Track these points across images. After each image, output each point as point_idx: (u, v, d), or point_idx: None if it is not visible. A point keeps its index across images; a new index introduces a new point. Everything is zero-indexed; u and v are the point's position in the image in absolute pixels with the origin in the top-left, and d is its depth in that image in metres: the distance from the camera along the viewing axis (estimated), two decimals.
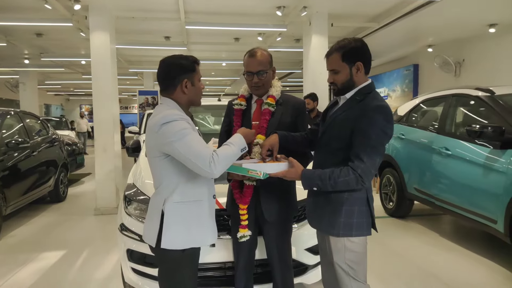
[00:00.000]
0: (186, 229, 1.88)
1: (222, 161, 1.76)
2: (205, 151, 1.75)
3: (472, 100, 4.41)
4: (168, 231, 1.86)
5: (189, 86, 1.93)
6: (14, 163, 5.23)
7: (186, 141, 1.76)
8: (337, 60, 1.93)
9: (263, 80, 2.22)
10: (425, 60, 10.28)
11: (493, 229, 3.71)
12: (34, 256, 4.19)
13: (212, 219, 2.00)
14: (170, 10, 6.41)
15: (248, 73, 2.23)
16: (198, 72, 1.98)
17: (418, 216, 5.57)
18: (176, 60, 1.94)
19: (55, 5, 5.73)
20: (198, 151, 1.74)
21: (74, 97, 26.37)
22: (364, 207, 1.92)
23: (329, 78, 1.99)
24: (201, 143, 1.79)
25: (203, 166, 1.73)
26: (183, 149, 1.75)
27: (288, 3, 6.17)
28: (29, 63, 10.91)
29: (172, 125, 1.78)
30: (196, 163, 1.74)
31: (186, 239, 1.89)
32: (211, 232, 1.98)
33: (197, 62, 1.98)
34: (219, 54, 10.94)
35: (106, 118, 6.07)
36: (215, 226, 2.02)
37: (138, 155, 4.03)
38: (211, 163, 1.73)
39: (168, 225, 1.86)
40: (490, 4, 6.18)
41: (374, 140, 1.80)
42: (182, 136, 1.76)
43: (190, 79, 1.93)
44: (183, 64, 1.93)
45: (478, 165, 3.87)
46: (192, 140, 1.77)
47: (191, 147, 1.75)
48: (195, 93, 1.98)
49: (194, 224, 1.90)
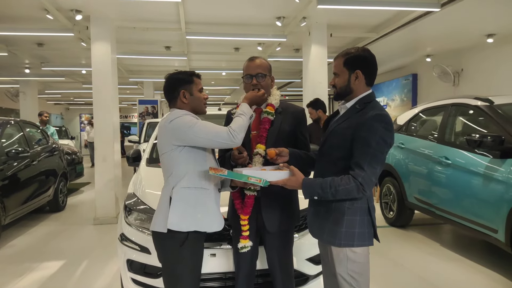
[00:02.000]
0: (191, 212, 2.02)
1: (240, 131, 1.98)
2: (221, 128, 1.98)
3: (471, 109, 4.43)
4: (174, 213, 2.00)
5: (187, 96, 2.13)
6: (14, 173, 5.23)
7: (200, 125, 1.98)
8: (339, 64, 1.98)
9: (262, 84, 2.24)
10: (424, 70, 10.34)
11: (493, 238, 3.70)
12: (33, 266, 4.17)
13: (218, 208, 2.12)
14: (171, 20, 6.46)
15: (247, 75, 2.26)
16: (197, 84, 2.17)
17: (419, 226, 5.56)
18: (175, 75, 2.18)
19: (56, 16, 5.77)
20: (216, 130, 1.97)
21: (74, 106, 26.37)
22: (365, 217, 1.92)
23: (332, 80, 2.05)
24: (213, 124, 2.00)
25: (225, 140, 1.95)
26: (201, 133, 1.97)
27: (288, 13, 6.22)
28: (29, 72, 10.94)
29: (181, 118, 2.02)
30: (218, 140, 1.96)
31: (191, 222, 2.02)
32: (216, 219, 2.10)
33: (195, 74, 2.18)
34: (219, 64, 10.99)
35: (106, 127, 6.08)
36: (221, 215, 2.14)
37: (138, 165, 4.03)
38: (230, 135, 1.94)
39: (174, 208, 2.01)
40: (488, 15, 6.24)
41: (374, 148, 1.81)
42: (194, 123, 1.98)
43: (188, 89, 2.13)
44: (180, 77, 2.15)
45: (478, 174, 3.88)
46: (205, 124, 2.00)
47: (208, 128, 1.97)
48: (195, 102, 2.15)
49: (200, 209, 2.04)
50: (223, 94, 18.72)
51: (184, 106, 2.13)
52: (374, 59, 1.97)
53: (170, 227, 1.99)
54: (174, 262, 2.04)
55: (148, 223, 2.74)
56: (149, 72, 12.31)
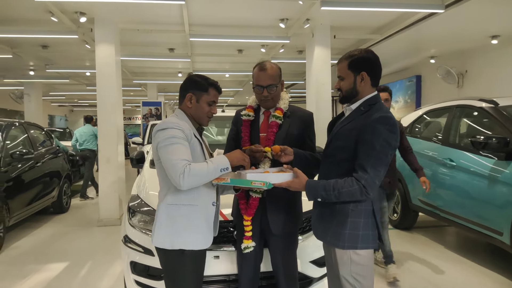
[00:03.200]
0: (175, 230, 1.97)
1: (193, 176, 1.82)
2: (179, 163, 1.83)
3: (476, 111, 4.41)
4: (158, 230, 1.99)
5: (193, 102, 2.07)
6: (18, 174, 5.25)
7: (168, 149, 1.88)
8: (344, 67, 1.97)
9: (273, 94, 2.22)
10: (428, 71, 10.31)
11: (498, 241, 3.67)
12: (37, 268, 4.18)
13: (208, 225, 2.05)
14: (175, 22, 6.48)
15: (258, 86, 2.22)
16: (211, 95, 2.08)
17: (423, 228, 5.53)
18: (195, 76, 2.11)
19: (61, 18, 5.80)
20: (173, 161, 1.84)
21: (78, 108, 26.53)
22: (370, 219, 1.91)
23: (336, 84, 2.03)
24: (180, 154, 1.86)
25: (173, 176, 1.83)
26: (163, 156, 1.89)
27: (292, 15, 6.23)
28: (34, 74, 11.00)
29: (165, 131, 1.92)
30: (169, 172, 1.86)
31: (175, 240, 1.97)
32: (204, 237, 2.03)
33: (215, 86, 2.09)
34: (222, 66, 11.01)
35: (110, 129, 6.10)
36: (210, 233, 2.07)
37: (142, 166, 4.03)
38: (181, 175, 1.80)
39: (159, 225, 1.99)
40: (492, 16, 6.22)
41: (378, 150, 1.80)
42: (168, 143, 1.89)
43: (196, 95, 2.07)
44: (197, 80, 2.09)
45: (483, 176, 3.85)
46: (174, 150, 1.87)
47: (170, 155, 1.86)
48: (198, 112, 2.09)
49: (185, 226, 1.98)
50: (227, 96, 18.77)
51: (188, 110, 2.09)
52: (378, 60, 1.96)
53: (156, 245, 2.00)
54: (173, 277, 2.03)
55: (152, 225, 2.74)
56: (152, 74, 12.34)
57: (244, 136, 2.31)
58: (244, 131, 2.33)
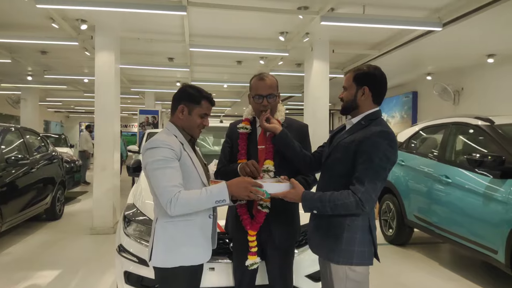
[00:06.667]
0: (174, 248, 1.93)
1: (182, 206, 1.79)
2: (169, 190, 1.80)
3: (471, 128, 4.45)
4: (157, 249, 1.94)
5: (185, 113, 2.02)
6: (12, 180, 5.20)
7: (157, 173, 1.84)
8: (349, 79, 2.00)
9: (272, 104, 2.23)
10: (424, 88, 10.41)
11: (493, 259, 3.67)
12: (29, 275, 4.12)
13: (205, 238, 2.02)
14: (175, 32, 6.53)
15: (257, 96, 2.22)
16: (204, 108, 2.03)
17: (418, 244, 5.52)
18: (188, 88, 2.06)
19: (62, 25, 5.83)
20: (163, 188, 1.81)
21: (74, 114, 26.44)
22: (366, 235, 1.90)
23: (341, 93, 2.07)
24: (170, 179, 1.83)
25: (162, 203, 1.82)
26: (152, 180, 1.86)
27: (291, 29, 6.29)
28: (32, 79, 10.98)
29: (154, 151, 1.87)
30: (159, 197, 1.83)
31: (175, 258, 1.93)
32: (203, 251, 2.01)
33: (207, 98, 2.05)
34: (221, 76, 11.06)
35: (106, 136, 6.08)
36: (209, 245, 2.04)
37: (138, 175, 4.01)
38: (169, 203, 1.78)
39: (157, 244, 1.94)
40: (489, 35, 6.32)
41: (376, 164, 1.80)
42: (156, 167, 1.84)
43: (189, 107, 2.02)
44: (190, 93, 2.03)
45: (478, 194, 3.87)
46: (163, 175, 1.83)
47: (159, 182, 1.83)
48: (189, 124, 2.04)
49: (184, 242, 1.94)
50: (224, 106, 18.81)
51: (179, 121, 2.04)
52: (383, 78, 1.98)
53: (155, 265, 1.95)
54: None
55: (147, 235, 2.72)
56: (151, 83, 12.37)
57: (241, 150, 2.29)
58: (241, 144, 2.30)
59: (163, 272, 1.96)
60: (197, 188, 1.92)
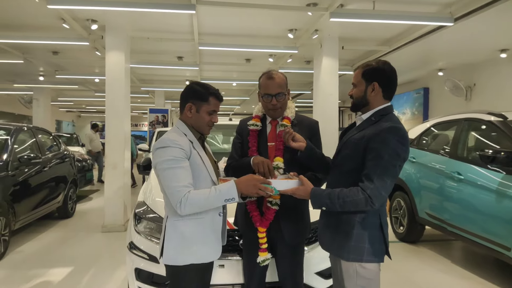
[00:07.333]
0: (185, 246, 1.94)
1: (191, 206, 1.81)
2: (178, 190, 1.81)
3: (484, 124, 4.38)
4: (168, 248, 1.95)
5: (193, 111, 2.03)
6: (25, 178, 5.28)
7: (167, 173, 1.85)
8: (358, 75, 1.98)
9: (281, 102, 2.22)
10: (436, 84, 10.29)
11: (506, 256, 3.62)
12: (41, 273, 4.18)
13: (216, 236, 2.03)
14: (185, 31, 6.54)
15: (266, 95, 2.21)
16: (212, 105, 2.03)
17: (430, 242, 5.46)
18: (195, 85, 2.06)
19: (73, 25, 5.88)
20: (173, 188, 1.82)
21: (85, 114, 26.74)
22: (377, 233, 1.88)
23: (350, 90, 2.04)
24: (180, 179, 1.84)
25: (172, 203, 1.84)
26: (162, 180, 1.88)
27: (300, 26, 6.26)
28: (44, 80, 11.12)
29: (164, 151, 1.88)
30: (169, 197, 1.86)
31: (186, 256, 1.95)
32: (213, 249, 2.02)
33: (215, 95, 2.04)
34: (230, 74, 11.07)
35: (117, 135, 6.14)
36: (219, 243, 2.05)
37: (149, 173, 4.04)
38: (179, 203, 1.80)
39: (168, 242, 1.96)
40: (501, 30, 6.21)
41: (386, 161, 1.77)
42: (166, 166, 1.85)
43: (196, 105, 2.02)
44: (196, 90, 2.03)
45: (491, 190, 3.81)
46: (173, 175, 1.84)
47: (169, 182, 1.84)
48: (198, 121, 2.04)
49: (194, 240, 1.95)
50: (233, 105, 18.83)
51: (188, 119, 2.05)
52: (393, 73, 1.95)
53: (167, 262, 1.96)
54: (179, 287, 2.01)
55: (158, 232, 2.74)
56: (160, 82, 12.43)
57: (251, 146, 2.29)
58: (252, 141, 2.30)
59: (174, 270, 1.97)
60: (206, 186, 1.93)
